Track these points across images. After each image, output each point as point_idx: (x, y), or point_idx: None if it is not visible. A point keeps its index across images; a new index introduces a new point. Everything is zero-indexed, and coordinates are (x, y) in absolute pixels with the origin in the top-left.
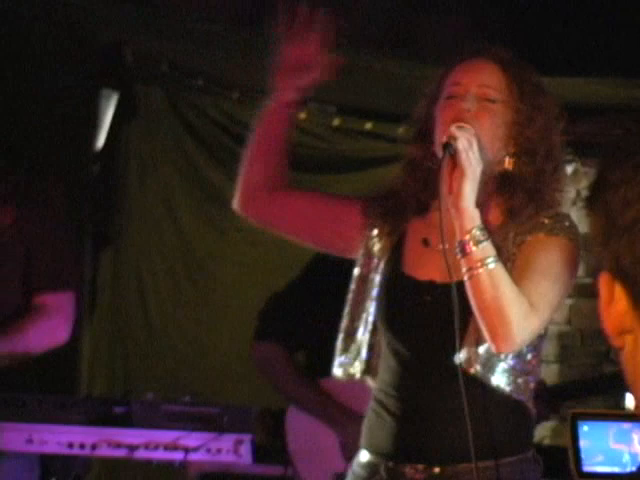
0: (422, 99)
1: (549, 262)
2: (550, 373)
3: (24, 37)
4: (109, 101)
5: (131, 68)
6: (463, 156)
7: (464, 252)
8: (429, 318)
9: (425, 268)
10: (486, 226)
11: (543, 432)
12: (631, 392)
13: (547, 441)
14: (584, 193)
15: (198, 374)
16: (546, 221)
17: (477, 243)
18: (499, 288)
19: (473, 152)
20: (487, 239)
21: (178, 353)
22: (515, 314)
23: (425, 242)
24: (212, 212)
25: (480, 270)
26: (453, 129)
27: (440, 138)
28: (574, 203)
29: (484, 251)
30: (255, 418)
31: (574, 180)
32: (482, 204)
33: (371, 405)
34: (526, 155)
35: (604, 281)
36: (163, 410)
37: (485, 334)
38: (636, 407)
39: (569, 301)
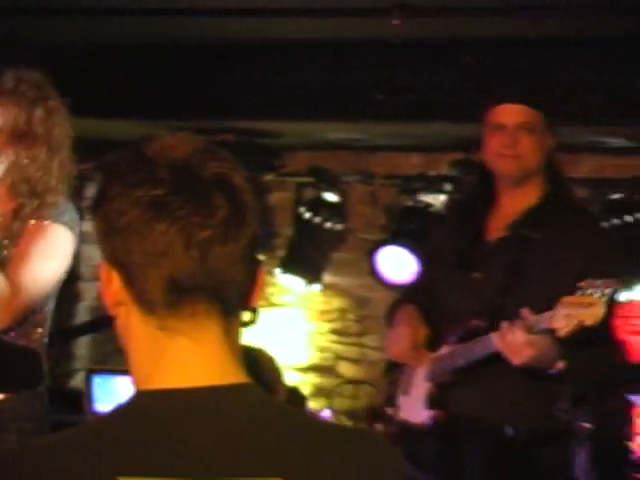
0: None
1: (36, 245)
2: None
3: None
4: None
5: None
6: None
7: None
8: None
9: None
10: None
11: None
12: (124, 352)
13: None
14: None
15: None
16: (41, 210)
17: None
18: None
19: None
20: None
21: None
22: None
23: None
24: None
25: None
26: None
27: None
28: None
29: None
30: None
31: None
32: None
33: None
34: (26, 150)
35: (104, 267)
36: None
37: None
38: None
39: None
